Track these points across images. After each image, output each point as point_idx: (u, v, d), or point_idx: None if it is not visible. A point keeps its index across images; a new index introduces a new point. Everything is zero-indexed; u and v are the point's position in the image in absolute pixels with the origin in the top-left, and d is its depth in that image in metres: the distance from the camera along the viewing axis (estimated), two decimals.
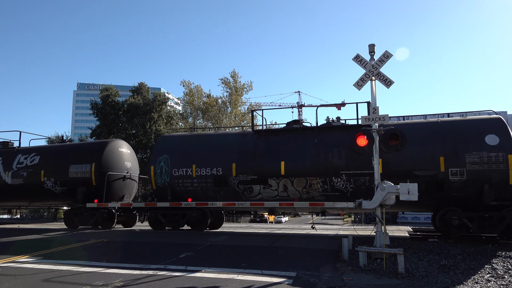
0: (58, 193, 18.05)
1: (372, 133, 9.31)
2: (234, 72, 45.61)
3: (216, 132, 17.36)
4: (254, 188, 14.67)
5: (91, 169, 17.40)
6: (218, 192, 15.20)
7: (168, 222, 16.02)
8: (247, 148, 15.02)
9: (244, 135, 15.65)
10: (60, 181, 17.92)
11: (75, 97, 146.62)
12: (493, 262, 8.91)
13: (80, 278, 7.39)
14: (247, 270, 7.99)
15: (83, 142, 23.55)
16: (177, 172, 15.57)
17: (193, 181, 15.37)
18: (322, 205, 14.36)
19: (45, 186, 18.14)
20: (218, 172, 14.98)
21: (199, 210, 15.46)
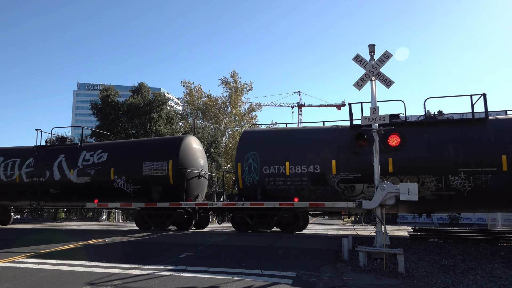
0: (130, 192, 16.70)
1: (372, 133, 9.32)
2: (234, 72, 45.58)
3: (308, 127, 16.29)
4: (357, 187, 13.78)
5: (168, 166, 16.07)
6: (314, 191, 14.31)
7: (256, 224, 14.97)
8: (346, 144, 14.01)
9: (340, 131, 14.70)
10: (133, 180, 16.56)
11: (75, 97, 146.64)
12: (493, 262, 8.92)
13: (80, 278, 7.39)
14: (247, 270, 7.99)
15: (154, 138, 21.64)
16: (268, 170, 14.65)
17: (286, 179, 14.48)
18: (322, 205, 14.37)
19: (115, 184, 16.76)
20: (316, 170, 14.10)
21: (291, 211, 14.46)
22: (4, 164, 18.54)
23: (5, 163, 18.56)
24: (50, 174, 17.69)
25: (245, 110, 46.98)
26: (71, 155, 17.86)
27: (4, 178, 18.37)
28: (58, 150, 18.46)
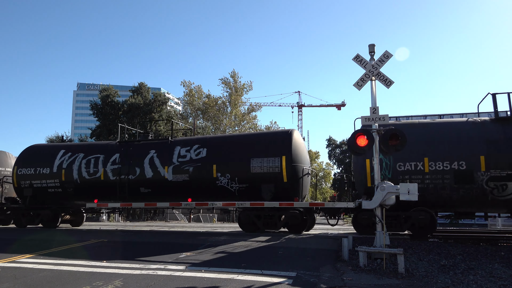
0: (234, 191, 15.28)
1: (372, 133, 9.31)
2: (234, 72, 45.65)
3: (445, 121, 15.10)
4: (509, 185, 12.66)
5: (281, 163, 14.58)
6: (456, 190, 13.09)
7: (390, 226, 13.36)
8: (495, 138, 12.99)
9: (482, 123, 13.59)
10: (239, 178, 15.08)
11: (75, 97, 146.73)
12: (493, 262, 8.92)
13: (80, 278, 7.39)
14: (247, 270, 7.99)
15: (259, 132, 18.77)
16: (402, 167, 13.49)
17: (424, 177, 13.31)
18: (322, 205, 14.39)
19: (218, 183, 15.22)
20: (461, 167, 12.99)
21: (427, 213, 13.27)
22: (85, 160, 17.28)
23: (87, 159, 17.31)
24: (140, 171, 16.32)
25: (245, 110, 47.02)
26: (163, 151, 16.47)
27: (86, 175, 17.06)
28: (147, 145, 17.11)
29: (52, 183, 17.69)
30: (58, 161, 17.77)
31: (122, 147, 17.43)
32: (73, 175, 17.24)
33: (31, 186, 17.90)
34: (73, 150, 18.01)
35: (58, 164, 17.69)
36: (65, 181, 17.38)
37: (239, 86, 45.48)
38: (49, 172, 17.70)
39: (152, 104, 40.56)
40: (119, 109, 40.57)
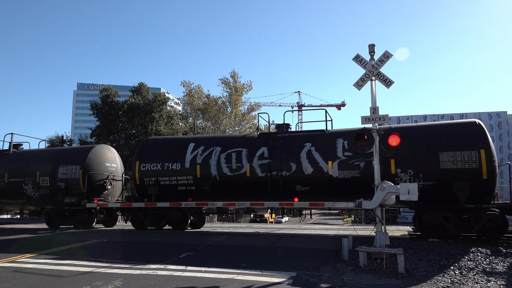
0: None
1: (372, 133, 9.31)
2: (234, 72, 45.67)
3: None
4: None
5: (480, 157, 12.52)
6: None
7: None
8: None
9: None
10: (424, 174, 13.00)
11: (75, 97, 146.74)
12: (493, 262, 8.92)
13: (80, 278, 7.39)
14: (247, 270, 7.99)
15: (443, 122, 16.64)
16: None
17: None
18: (322, 205, 14.34)
19: (397, 180, 13.13)
20: None
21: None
22: (224, 155, 15.36)
23: (226, 153, 15.40)
24: (297, 167, 14.38)
25: (245, 110, 47.03)
26: (321, 144, 14.54)
27: (228, 171, 15.11)
28: (300, 137, 15.12)
29: (183, 180, 15.69)
30: (191, 155, 15.78)
31: (268, 139, 15.42)
32: (211, 171, 15.28)
33: (157, 184, 15.96)
34: (206, 144, 16.01)
35: (191, 158, 15.69)
36: (201, 177, 15.44)
37: (239, 86, 45.49)
38: (180, 168, 15.68)
39: (152, 104, 40.56)
40: (119, 109, 40.56)
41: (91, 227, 17.87)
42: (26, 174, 18.53)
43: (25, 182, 18.51)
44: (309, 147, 14.42)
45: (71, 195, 17.59)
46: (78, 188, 17.60)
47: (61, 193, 17.64)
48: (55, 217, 18.26)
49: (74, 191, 17.63)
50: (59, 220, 18.18)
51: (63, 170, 17.96)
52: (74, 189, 17.64)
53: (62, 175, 17.90)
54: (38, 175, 18.31)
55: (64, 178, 17.83)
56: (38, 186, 18.30)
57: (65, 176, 17.86)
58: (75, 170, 17.82)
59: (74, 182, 17.70)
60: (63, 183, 17.72)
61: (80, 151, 19.18)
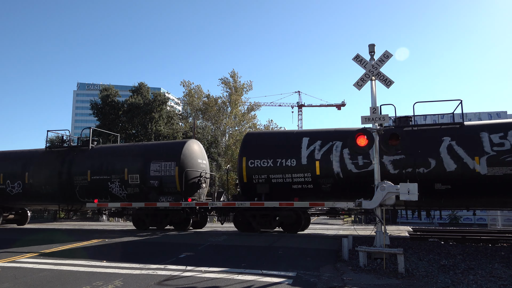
0: None
1: (372, 133, 9.32)
2: (234, 72, 45.59)
3: None
4: None
5: None
6: None
7: None
8: None
9: None
10: None
11: (75, 97, 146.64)
12: (493, 262, 8.92)
13: (80, 278, 7.39)
14: (247, 270, 7.99)
15: None
16: None
17: None
18: (322, 205, 14.35)
19: None
20: None
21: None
22: (347, 150, 14.12)
23: None
24: (437, 163, 13.13)
25: (245, 110, 47.00)
26: (463, 138, 13.31)
27: (353, 168, 13.92)
28: (434, 131, 13.91)
29: (299, 178, 14.44)
30: (307, 151, 14.54)
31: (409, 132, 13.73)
32: (333, 168, 14.10)
33: (267, 181, 14.68)
34: (323, 138, 14.74)
35: (308, 154, 14.46)
36: (321, 175, 14.26)
37: (239, 86, 45.46)
38: (295, 164, 14.45)
39: (152, 104, 40.53)
40: (119, 109, 40.54)
41: (187, 229, 16.62)
42: (113, 171, 17.06)
43: (111, 180, 17.00)
44: (449, 141, 13.17)
45: (165, 194, 16.23)
46: (173, 187, 16.20)
47: (154, 192, 16.33)
48: (145, 218, 16.77)
49: (169, 190, 16.26)
50: (150, 221, 16.76)
51: (155, 166, 16.47)
52: (168, 188, 16.27)
53: (154, 172, 16.44)
54: (127, 172, 16.80)
55: (157, 176, 16.39)
56: (126, 184, 16.80)
57: (158, 173, 16.40)
58: (170, 166, 16.30)
59: (168, 180, 16.25)
60: (156, 181, 16.33)
61: (174, 146, 17.53)
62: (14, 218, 20.64)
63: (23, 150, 20.31)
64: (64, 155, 18.32)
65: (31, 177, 18.26)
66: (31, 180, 18.22)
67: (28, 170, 18.40)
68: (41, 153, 19.03)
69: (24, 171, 18.45)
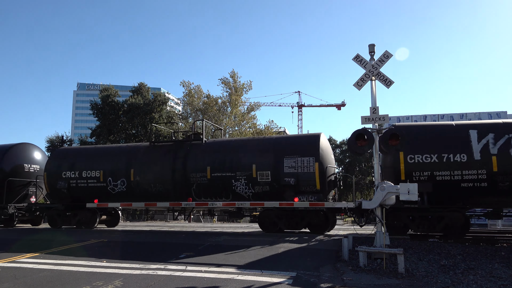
0: None
1: (372, 133, 9.32)
2: (234, 72, 45.57)
3: None
4: None
5: None
6: None
7: None
8: None
9: None
10: None
11: (75, 97, 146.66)
12: (493, 262, 8.92)
13: (80, 278, 7.39)
14: (247, 270, 7.99)
15: None
16: None
17: None
18: (322, 205, 14.38)
19: None
20: None
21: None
22: None
23: None
24: None
25: (245, 110, 47.01)
26: None
27: None
28: None
29: (471, 175, 13.05)
30: (478, 145, 13.19)
31: None
32: None
33: (431, 179, 13.15)
34: (496, 131, 13.44)
35: (481, 148, 13.08)
36: (498, 172, 12.90)
37: (239, 86, 45.45)
38: (466, 159, 13.05)
39: (152, 104, 40.54)
40: (119, 109, 40.55)
41: (324, 233, 14.88)
42: (238, 167, 15.24)
43: (235, 178, 15.16)
44: None
45: (303, 193, 14.56)
46: (312, 185, 14.54)
47: (290, 191, 14.57)
48: (277, 219, 14.92)
49: (306, 188, 14.61)
50: (285, 223, 14.88)
51: (290, 162, 14.73)
52: (306, 186, 14.60)
53: (289, 168, 14.70)
54: (255, 168, 15.00)
55: (293, 173, 14.65)
56: (254, 182, 14.97)
57: (294, 170, 14.65)
58: (308, 162, 14.56)
59: (306, 177, 14.55)
60: (292, 178, 14.62)
61: (308, 140, 15.63)
62: (106, 219, 19.14)
63: (122, 145, 19.42)
64: (175, 150, 16.66)
65: (137, 175, 16.61)
66: (138, 178, 16.58)
67: (134, 167, 16.76)
68: (146, 148, 17.49)
69: (129, 168, 16.84)
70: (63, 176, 17.76)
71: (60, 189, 17.66)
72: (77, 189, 17.58)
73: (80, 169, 17.67)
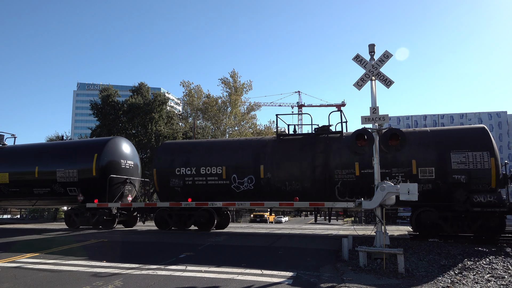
0: None
1: (372, 133, 9.31)
2: (234, 72, 45.63)
3: None
4: None
5: None
6: None
7: None
8: None
9: None
10: None
11: (75, 97, 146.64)
12: (493, 262, 8.92)
13: (80, 278, 7.39)
14: (247, 270, 7.99)
15: None
16: None
17: None
18: (322, 205, 14.37)
19: None
20: None
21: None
22: None
23: None
24: None
25: (245, 110, 47.03)
26: None
27: None
28: None
29: None
30: None
31: None
32: None
33: None
34: None
35: None
36: None
37: (239, 85, 45.48)
38: None
39: (152, 104, 40.53)
40: (119, 109, 40.54)
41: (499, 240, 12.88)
42: (393, 163, 13.75)
43: (390, 174, 13.70)
44: None
45: (475, 192, 12.71)
46: (486, 183, 12.88)
47: (461, 189, 12.77)
48: (443, 222, 13.04)
49: (479, 187, 12.94)
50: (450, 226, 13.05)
51: (459, 158, 13.14)
52: (479, 184, 12.96)
53: (459, 164, 13.13)
54: (415, 164, 13.56)
55: (463, 169, 13.07)
56: (414, 179, 12.92)
57: (465, 166, 13.06)
58: (481, 158, 12.97)
59: (480, 174, 12.97)
60: (463, 175, 13.03)
61: (476, 133, 13.79)
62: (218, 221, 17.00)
63: (246, 138, 17.81)
64: (311, 144, 15.20)
65: (268, 171, 15.08)
66: (269, 175, 15.04)
67: (264, 163, 15.19)
68: (273, 141, 15.93)
69: (258, 163, 15.25)
70: (176, 173, 16.04)
71: (174, 187, 16.07)
72: (193, 188, 15.92)
73: (197, 165, 15.95)
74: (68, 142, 23.21)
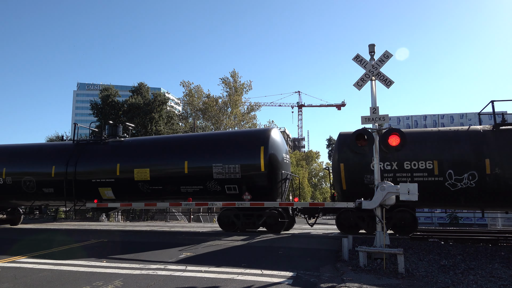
0: None
1: (372, 133, 9.31)
2: (234, 72, 45.61)
3: None
4: None
5: None
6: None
7: None
8: None
9: None
10: None
11: (75, 97, 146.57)
12: (493, 262, 8.92)
13: (80, 278, 7.39)
14: (247, 270, 7.99)
15: None
16: None
17: None
18: (322, 205, 14.39)
19: None
20: None
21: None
22: None
23: None
24: None
25: (245, 110, 47.03)
26: None
27: None
28: None
29: None
30: None
31: None
32: None
33: None
34: None
35: None
36: None
37: (239, 85, 45.47)
38: None
39: (152, 104, 40.56)
40: (119, 109, 40.57)
41: None
42: None
43: None
44: None
45: None
46: None
47: None
48: None
49: None
50: None
51: None
52: None
53: None
54: None
55: None
56: None
57: None
58: None
59: None
60: None
61: None
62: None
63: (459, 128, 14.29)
64: None
65: (496, 166, 12.79)
66: (498, 171, 12.76)
67: (489, 156, 12.94)
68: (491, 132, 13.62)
69: (481, 156, 13.02)
70: (371, 167, 13.34)
71: (368, 184, 13.90)
72: None
73: (397, 159, 13.67)
74: (222, 133, 19.82)
